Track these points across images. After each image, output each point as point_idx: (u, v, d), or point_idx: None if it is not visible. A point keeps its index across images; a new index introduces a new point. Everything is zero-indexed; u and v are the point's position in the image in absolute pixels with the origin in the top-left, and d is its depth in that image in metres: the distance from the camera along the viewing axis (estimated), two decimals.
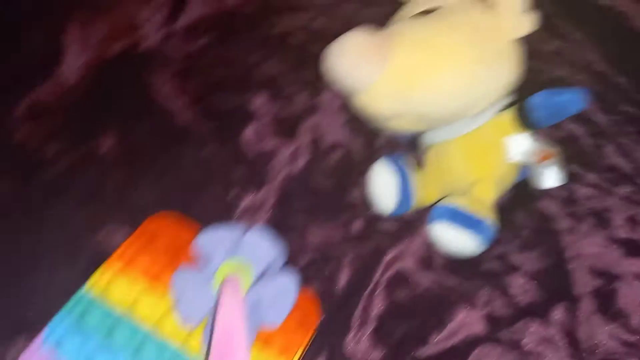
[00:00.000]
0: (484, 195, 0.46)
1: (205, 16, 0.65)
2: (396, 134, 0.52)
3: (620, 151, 0.56)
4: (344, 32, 0.62)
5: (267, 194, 0.49)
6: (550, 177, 0.46)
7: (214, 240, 0.41)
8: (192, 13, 0.65)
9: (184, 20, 0.64)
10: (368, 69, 0.42)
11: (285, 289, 0.40)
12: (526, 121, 0.44)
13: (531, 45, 0.66)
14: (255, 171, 0.50)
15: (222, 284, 0.38)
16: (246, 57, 0.60)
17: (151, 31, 0.62)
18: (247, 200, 0.48)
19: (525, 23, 0.43)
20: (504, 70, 0.44)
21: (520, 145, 0.45)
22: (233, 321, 0.35)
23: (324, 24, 0.65)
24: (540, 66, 0.64)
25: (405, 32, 0.43)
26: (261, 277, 0.40)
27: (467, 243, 0.43)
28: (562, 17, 0.70)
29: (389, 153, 0.54)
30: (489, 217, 0.44)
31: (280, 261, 0.41)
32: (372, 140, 0.55)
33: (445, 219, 0.43)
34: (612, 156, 0.56)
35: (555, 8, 0.71)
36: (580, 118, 0.59)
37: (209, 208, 0.47)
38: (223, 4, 0.67)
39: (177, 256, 0.42)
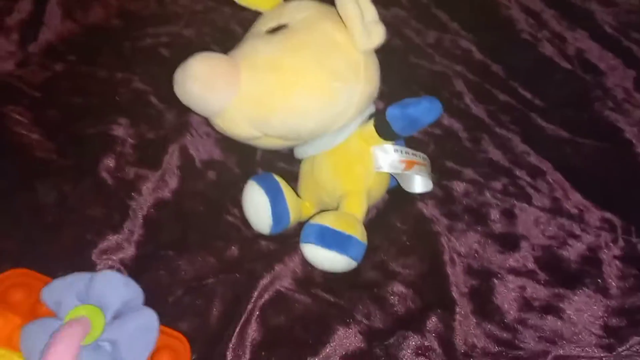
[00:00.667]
0: (353, 208, 0.45)
1: (65, 34, 0.61)
2: (269, 148, 0.50)
3: (497, 142, 0.57)
4: (215, 42, 0.62)
5: (132, 227, 0.46)
6: (418, 184, 0.47)
7: (61, 289, 0.38)
8: (49, 33, 0.60)
9: (40, 41, 0.60)
10: (218, 96, 0.41)
11: (143, 328, 0.38)
12: (386, 132, 0.44)
13: (410, 39, 0.67)
14: (118, 203, 0.47)
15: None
16: (111, 77, 0.57)
17: (2, 58, 0.57)
18: (109, 238, 0.45)
19: (375, 35, 0.42)
20: (360, 82, 0.43)
21: (384, 156, 0.45)
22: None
23: (194, 34, 0.63)
24: (419, 61, 0.64)
25: (252, 54, 0.42)
26: (117, 319, 0.38)
27: (337, 262, 0.42)
28: (439, 7, 0.70)
29: (264, 170, 0.53)
30: (358, 232, 0.43)
31: (138, 301, 0.39)
32: (248, 156, 0.54)
33: (312, 240, 0.42)
34: (488, 149, 0.56)
35: (431, 0, 0.71)
36: (458, 111, 0.59)
37: (67, 251, 0.44)
38: (85, 19, 0.63)
39: (31, 315, 0.39)
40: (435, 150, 0.55)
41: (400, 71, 0.61)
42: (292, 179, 0.49)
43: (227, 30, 0.63)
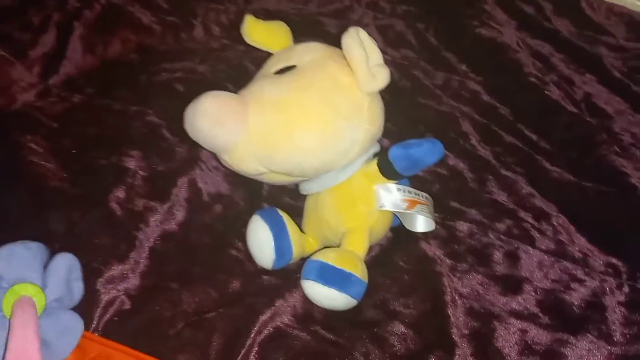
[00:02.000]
0: (355, 246, 0.45)
1: (85, 68, 0.63)
2: (275, 184, 0.51)
3: (502, 184, 0.57)
4: (228, 78, 0.63)
5: (138, 258, 0.47)
6: (420, 223, 0.47)
7: (9, 259, 0.37)
8: (69, 66, 0.62)
9: (61, 74, 0.61)
10: (227, 133, 0.42)
11: (69, 327, 0.38)
12: (389, 172, 0.44)
13: (418, 80, 0.68)
14: (125, 234, 0.47)
15: (15, 305, 0.35)
16: (125, 110, 0.58)
17: (24, 89, 0.59)
18: (115, 267, 0.46)
19: (379, 78, 0.43)
20: (364, 122, 0.43)
21: (387, 195, 0.45)
22: (27, 343, 0.33)
23: (208, 70, 0.64)
24: (427, 101, 0.65)
25: (260, 93, 0.43)
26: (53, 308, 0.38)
27: (336, 299, 0.42)
28: (448, 50, 0.72)
29: (270, 204, 0.53)
30: (358, 270, 0.43)
31: (78, 295, 0.40)
32: (254, 191, 0.54)
33: (313, 277, 0.42)
34: (493, 190, 0.56)
35: (440, 40, 0.72)
36: (464, 152, 0.60)
37: None
38: (104, 53, 0.65)
39: None
40: (440, 189, 0.55)
41: (407, 111, 0.62)
42: (297, 214, 0.50)
43: (240, 67, 0.64)
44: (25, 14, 0.62)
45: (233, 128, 0.41)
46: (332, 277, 0.42)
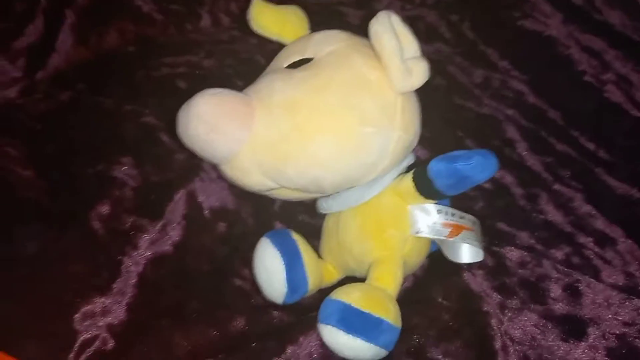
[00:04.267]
0: (385, 281, 0.37)
1: (76, 61, 0.56)
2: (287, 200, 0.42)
3: (556, 201, 0.48)
4: (237, 74, 0.55)
5: (124, 288, 0.39)
6: (465, 253, 0.39)
7: None
8: (59, 59, 0.54)
9: (49, 68, 0.54)
10: (227, 140, 0.34)
11: None
12: (428, 190, 0.36)
13: (454, 77, 0.59)
14: (108, 258, 0.40)
15: None
16: (118, 109, 0.50)
17: (5, 84, 0.51)
18: (95, 300, 0.38)
19: (416, 73, 0.35)
20: (396, 128, 0.35)
21: (424, 218, 0.37)
22: None
23: (215, 65, 0.56)
24: (465, 102, 0.56)
25: (269, 92, 0.35)
26: None
27: (362, 351, 0.34)
28: (487, 44, 0.62)
29: (282, 223, 0.45)
30: (390, 313, 0.34)
31: None
32: (265, 206, 0.46)
33: (333, 322, 0.34)
34: (546, 209, 0.48)
35: (478, 33, 0.63)
36: (510, 162, 0.51)
37: (41, 313, 0.37)
38: (99, 45, 0.57)
39: None
40: (484, 208, 0.47)
41: (443, 113, 0.54)
42: (315, 235, 0.43)
43: (252, 62, 0.57)
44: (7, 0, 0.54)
45: (235, 134, 0.34)
46: (358, 323, 0.33)
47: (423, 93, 0.38)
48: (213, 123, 0.33)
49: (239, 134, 0.34)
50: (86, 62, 0.56)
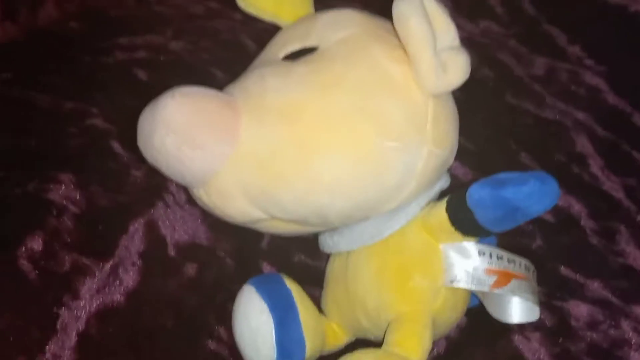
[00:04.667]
0: (407, 345, 0.39)
1: (2, 42, 0.59)
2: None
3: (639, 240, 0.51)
4: (216, 62, 0.58)
5: (60, 351, 0.41)
6: (515, 310, 0.41)
7: None
8: None
9: None
10: (203, 157, 0.36)
11: None
12: (467, 224, 0.38)
13: (506, 68, 0.62)
14: (40, 311, 0.42)
15: None
16: (57, 107, 0.53)
17: None
18: None
19: (453, 70, 0.37)
20: (425, 141, 0.38)
21: (461, 262, 0.39)
22: None
23: (186, 49, 0.59)
24: (520, 103, 0.59)
25: (260, 92, 0.38)
26: None
27: None
28: (553, 22, 0.66)
29: (272, 264, 0.49)
30: None
31: None
32: (249, 241, 0.49)
33: None
34: (627, 250, 0.51)
35: (540, 8, 0.66)
36: (580, 186, 0.54)
37: None
38: (31, 21, 0.60)
39: None
40: (543, 248, 0.50)
41: (490, 118, 0.57)
42: (316, 283, 0.46)
43: (235, 45, 0.61)
44: None
45: (214, 149, 0.36)
46: None
47: (464, 91, 0.40)
48: (186, 133, 0.36)
49: (220, 148, 0.36)
50: (13, 44, 0.59)
